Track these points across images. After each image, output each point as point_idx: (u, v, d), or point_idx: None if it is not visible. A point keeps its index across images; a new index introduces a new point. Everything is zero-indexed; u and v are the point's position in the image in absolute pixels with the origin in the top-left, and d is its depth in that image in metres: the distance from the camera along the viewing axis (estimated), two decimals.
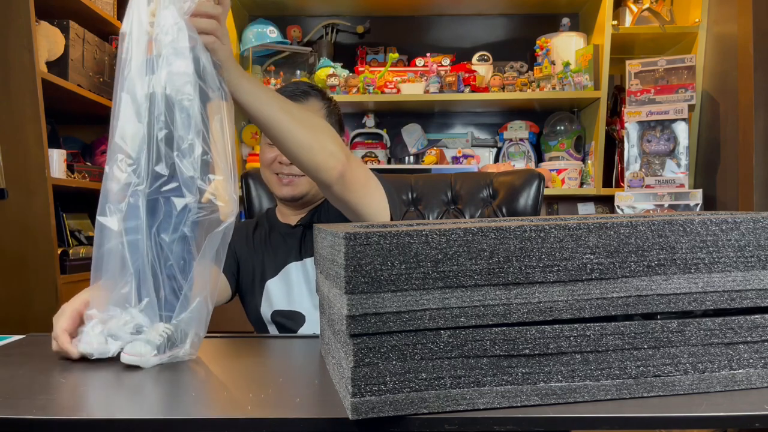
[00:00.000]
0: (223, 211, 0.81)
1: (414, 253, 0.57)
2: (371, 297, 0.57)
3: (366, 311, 0.57)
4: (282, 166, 1.25)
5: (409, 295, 0.57)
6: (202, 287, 0.80)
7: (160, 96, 0.78)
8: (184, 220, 0.79)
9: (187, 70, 0.79)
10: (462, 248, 0.58)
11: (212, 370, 0.80)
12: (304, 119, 0.97)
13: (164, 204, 0.79)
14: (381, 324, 0.57)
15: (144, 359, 0.76)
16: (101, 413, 0.63)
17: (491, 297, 0.59)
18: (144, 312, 0.78)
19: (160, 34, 0.79)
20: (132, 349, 0.76)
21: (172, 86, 0.79)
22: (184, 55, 0.79)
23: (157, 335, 0.77)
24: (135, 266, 0.78)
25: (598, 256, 0.60)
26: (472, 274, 0.58)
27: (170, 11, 0.79)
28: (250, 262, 1.31)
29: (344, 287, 0.56)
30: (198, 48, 0.81)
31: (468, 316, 0.59)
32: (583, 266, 0.60)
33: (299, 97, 1.27)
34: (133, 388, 0.71)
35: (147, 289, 0.78)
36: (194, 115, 0.79)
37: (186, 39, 0.79)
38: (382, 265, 0.57)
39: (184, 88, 0.79)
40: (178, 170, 0.79)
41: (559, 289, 0.60)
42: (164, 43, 0.78)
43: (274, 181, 1.28)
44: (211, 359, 0.85)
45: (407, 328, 0.58)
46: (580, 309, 0.61)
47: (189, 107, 0.79)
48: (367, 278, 0.56)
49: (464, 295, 0.59)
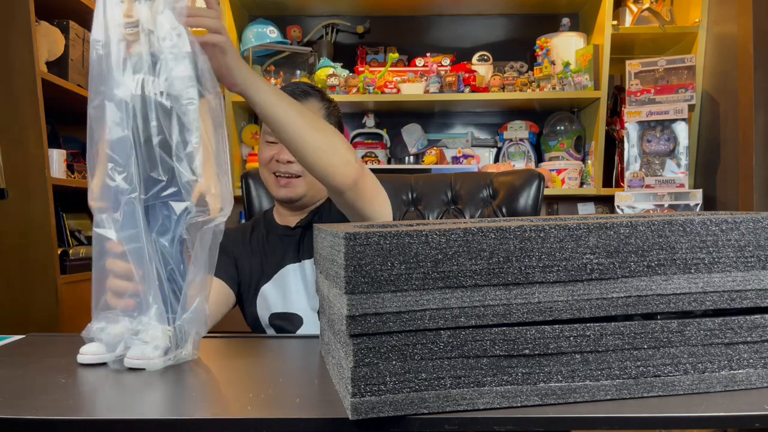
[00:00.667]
0: (215, 209, 0.81)
1: (414, 253, 0.57)
2: (371, 297, 0.57)
3: (366, 311, 0.57)
4: (279, 165, 1.24)
5: (409, 296, 0.57)
6: (200, 287, 0.80)
7: (154, 100, 0.78)
8: (182, 222, 0.79)
9: (190, 74, 0.79)
10: (462, 248, 0.58)
11: (212, 370, 0.80)
12: (320, 124, 0.98)
13: (163, 209, 0.79)
14: (381, 324, 0.57)
15: (151, 362, 0.76)
16: (101, 413, 0.63)
17: (491, 297, 0.59)
18: (155, 319, 0.78)
19: (158, 38, 0.78)
20: (137, 353, 0.76)
21: (175, 91, 0.78)
22: (185, 59, 0.79)
23: (163, 338, 0.77)
24: (139, 274, 0.77)
25: (598, 256, 0.60)
26: (472, 275, 0.58)
27: (167, 15, 0.78)
28: (248, 265, 1.30)
29: (344, 287, 0.56)
30: (197, 51, 0.81)
31: (468, 317, 0.59)
32: (583, 266, 0.60)
33: (299, 97, 1.26)
34: (134, 389, 0.71)
35: (155, 296, 0.78)
36: (195, 119, 0.79)
37: (187, 44, 0.79)
38: (382, 265, 0.57)
39: (186, 92, 0.78)
40: (177, 175, 0.78)
41: (559, 290, 0.60)
42: (163, 47, 0.78)
43: (272, 182, 1.27)
44: (211, 359, 0.85)
45: (407, 328, 0.58)
46: (580, 309, 0.61)
47: (191, 111, 0.78)
48: (367, 278, 0.56)
49: (464, 295, 0.59)
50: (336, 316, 0.63)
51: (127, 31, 0.78)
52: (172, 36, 0.78)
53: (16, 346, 0.92)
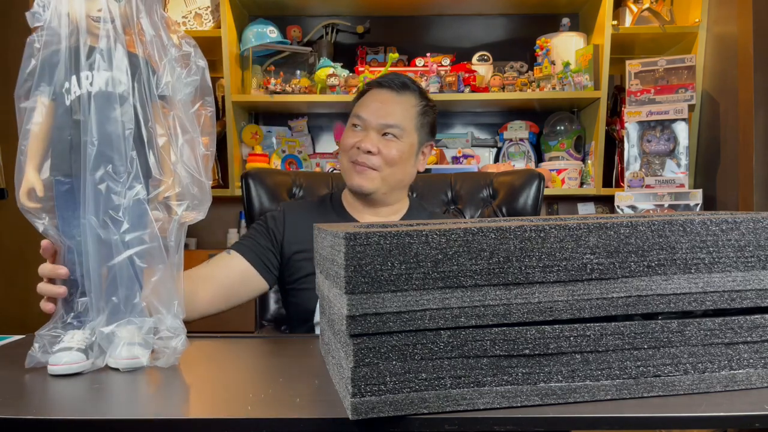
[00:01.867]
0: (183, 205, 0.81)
1: (414, 253, 0.57)
2: (371, 297, 0.57)
3: (366, 311, 0.57)
4: (359, 153, 1.22)
5: (409, 296, 0.57)
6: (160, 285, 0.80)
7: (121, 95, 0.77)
8: (139, 217, 0.77)
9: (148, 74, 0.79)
10: (462, 248, 0.58)
11: (212, 370, 0.80)
12: None
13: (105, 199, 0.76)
14: (381, 324, 0.57)
15: (139, 361, 0.76)
16: (101, 413, 0.63)
17: (491, 297, 0.59)
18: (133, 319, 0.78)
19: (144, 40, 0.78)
20: (126, 353, 0.76)
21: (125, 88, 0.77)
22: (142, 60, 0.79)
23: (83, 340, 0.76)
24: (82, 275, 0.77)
25: (598, 257, 0.60)
26: (472, 274, 0.58)
27: (143, 17, 0.78)
28: (308, 253, 1.24)
29: (344, 287, 0.56)
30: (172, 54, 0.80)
31: (468, 316, 0.59)
32: (583, 266, 0.60)
33: (395, 88, 1.24)
34: (133, 389, 0.71)
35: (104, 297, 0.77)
36: (157, 111, 0.79)
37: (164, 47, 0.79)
38: (382, 265, 0.57)
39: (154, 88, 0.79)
40: (138, 167, 0.77)
41: (559, 289, 0.60)
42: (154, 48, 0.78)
43: (348, 168, 1.24)
44: (211, 359, 0.85)
45: (407, 328, 0.58)
46: (580, 309, 0.61)
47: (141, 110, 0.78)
48: (367, 278, 0.56)
49: (464, 295, 0.59)
50: (336, 316, 0.63)
51: (94, 25, 0.77)
52: (150, 35, 0.78)
53: (16, 346, 0.92)
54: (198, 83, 0.83)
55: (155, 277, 0.78)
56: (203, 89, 0.84)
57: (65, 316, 0.79)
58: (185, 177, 0.80)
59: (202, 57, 0.84)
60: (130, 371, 0.76)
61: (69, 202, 0.78)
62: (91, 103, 0.76)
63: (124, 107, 0.77)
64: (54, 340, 0.76)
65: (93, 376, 0.75)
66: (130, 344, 0.76)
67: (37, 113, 0.78)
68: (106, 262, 0.76)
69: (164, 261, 0.78)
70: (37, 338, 0.77)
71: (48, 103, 0.78)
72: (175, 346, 0.78)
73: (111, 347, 0.77)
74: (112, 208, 0.76)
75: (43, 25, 0.78)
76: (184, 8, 2.73)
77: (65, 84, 0.77)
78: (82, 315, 0.78)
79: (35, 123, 0.78)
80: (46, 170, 0.79)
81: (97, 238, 0.76)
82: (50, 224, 0.79)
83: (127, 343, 0.76)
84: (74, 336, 0.76)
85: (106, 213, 0.76)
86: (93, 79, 0.77)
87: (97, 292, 0.77)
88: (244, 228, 2.85)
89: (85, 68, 0.77)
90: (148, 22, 0.79)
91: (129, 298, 0.78)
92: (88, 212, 0.75)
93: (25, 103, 0.78)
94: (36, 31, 0.79)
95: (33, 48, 0.79)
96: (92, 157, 0.75)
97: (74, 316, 0.78)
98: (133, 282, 0.78)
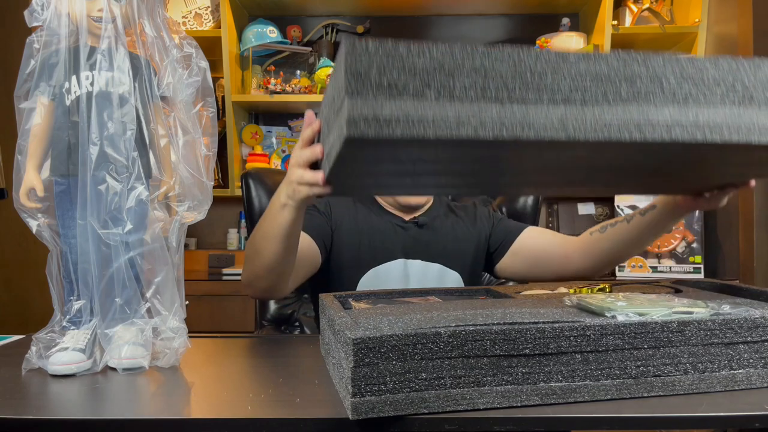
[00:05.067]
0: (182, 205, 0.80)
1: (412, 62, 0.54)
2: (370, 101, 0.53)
3: (366, 116, 0.53)
4: None
5: (407, 102, 0.54)
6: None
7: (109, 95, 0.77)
8: (140, 218, 0.77)
9: (148, 76, 0.79)
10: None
11: (212, 369, 0.80)
12: None
13: (107, 200, 0.76)
14: (379, 129, 0.54)
15: (139, 362, 0.76)
16: (102, 413, 0.63)
17: (486, 111, 0.56)
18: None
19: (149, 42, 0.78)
20: (127, 354, 0.76)
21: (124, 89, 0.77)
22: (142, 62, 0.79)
23: (83, 340, 0.76)
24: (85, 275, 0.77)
25: (588, 81, 0.58)
26: (471, 85, 0.55)
27: (145, 20, 0.78)
28: (356, 240, 1.22)
29: (344, 89, 0.53)
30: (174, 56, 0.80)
31: (466, 127, 0.55)
32: (575, 88, 0.58)
33: None
34: (134, 389, 0.71)
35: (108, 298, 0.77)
36: (159, 110, 0.79)
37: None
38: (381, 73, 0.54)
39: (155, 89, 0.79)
40: (140, 167, 0.77)
41: (553, 109, 0.57)
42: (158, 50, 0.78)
43: None
44: (211, 359, 0.85)
45: (407, 135, 0.54)
46: (576, 129, 0.58)
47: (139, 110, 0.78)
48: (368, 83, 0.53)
49: (462, 107, 0.55)
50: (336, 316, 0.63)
51: (95, 25, 0.77)
52: (152, 36, 0.78)
53: (16, 346, 0.92)
54: (199, 84, 0.83)
55: (158, 278, 0.78)
56: (204, 90, 0.84)
57: (62, 320, 0.79)
58: (186, 177, 0.80)
59: (204, 58, 0.84)
60: (130, 371, 0.76)
61: (65, 203, 0.78)
62: (92, 103, 0.76)
63: (126, 108, 0.77)
64: (50, 343, 0.76)
65: (93, 376, 0.75)
66: (131, 345, 0.76)
67: (37, 113, 0.78)
68: (108, 263, 0.76)
69: (167, 261, 0.78)
70: (34, 341, 0.77)
71: (48, 102, 0.78)
72: (176, 347, 0.78)
73: (112, 348, 0.77)
74: (115, 209, 0.76)
75: (43, 25, 0.78)
76: (184, 8, 2.73)
77: (65, 84, 0.77)
78: (77, 317, 0.78)
79: (35, 123, 0.78)
80: (46, 170, 0.79)
81: (98, 238, 0.76)
82: (44, 225, 0.79)
83: (128, 344, 0.76)
84: (74, 336, 0.77)
85: (108, 213, 0.76)
86: (94, 79, 0.77)
87: (98, 292, 0.77)
88: (244, 228, 2.85)
89: (86, 68, 0.77)
90: (149, 23, 0.79)
91: (130, 299, 0.78)
92: (89, 213, 0.75)
93: (24, 103, 0.78)
94: (35, 30, 0.79)
95: (32, 48, 0.79)
96: (94, 156, 0.75)
97: (69, 319, 0.78)
98: (135, 283, 0.78)
